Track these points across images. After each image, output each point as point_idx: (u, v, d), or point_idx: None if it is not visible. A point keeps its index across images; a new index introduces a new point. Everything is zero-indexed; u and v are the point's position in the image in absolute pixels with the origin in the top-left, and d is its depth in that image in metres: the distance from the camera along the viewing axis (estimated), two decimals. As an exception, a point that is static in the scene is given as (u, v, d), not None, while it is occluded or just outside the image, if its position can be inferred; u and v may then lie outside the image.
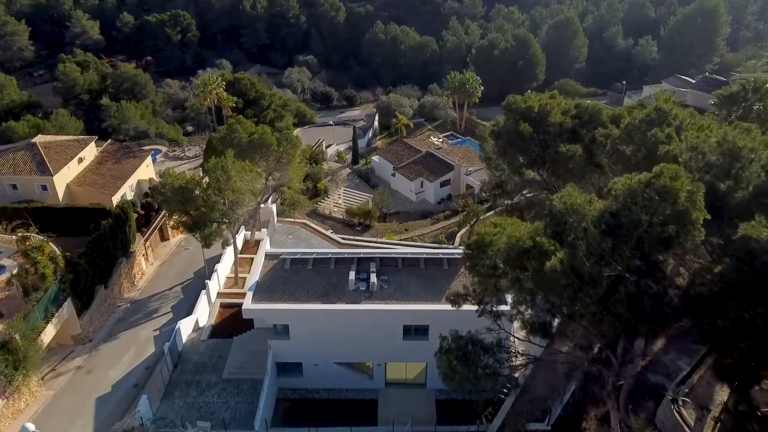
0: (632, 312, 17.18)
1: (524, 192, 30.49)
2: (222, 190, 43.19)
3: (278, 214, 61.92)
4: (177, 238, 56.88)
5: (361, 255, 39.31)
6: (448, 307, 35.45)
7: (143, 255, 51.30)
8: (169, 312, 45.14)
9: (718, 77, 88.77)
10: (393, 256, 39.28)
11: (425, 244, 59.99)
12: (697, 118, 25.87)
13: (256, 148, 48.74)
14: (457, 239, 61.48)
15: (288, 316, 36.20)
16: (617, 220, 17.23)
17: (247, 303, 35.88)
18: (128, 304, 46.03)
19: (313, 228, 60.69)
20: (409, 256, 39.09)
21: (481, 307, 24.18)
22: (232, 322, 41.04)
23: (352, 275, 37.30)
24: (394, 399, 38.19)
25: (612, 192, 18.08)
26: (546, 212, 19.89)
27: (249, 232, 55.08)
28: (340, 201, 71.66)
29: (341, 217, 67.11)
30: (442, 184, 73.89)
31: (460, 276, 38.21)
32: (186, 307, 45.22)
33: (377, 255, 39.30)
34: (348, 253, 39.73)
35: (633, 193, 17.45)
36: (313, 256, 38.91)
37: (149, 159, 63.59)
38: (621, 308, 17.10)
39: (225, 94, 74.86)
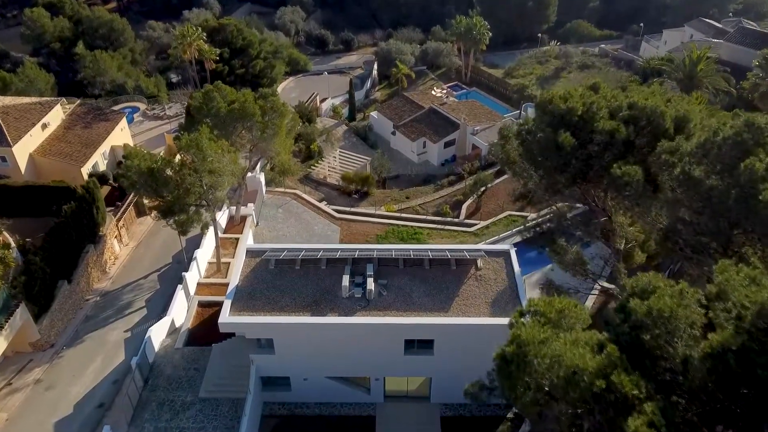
0: None
1: (556, 204, 25.00)
2: (198, 170, 37.73)
3: (267, 184, 56.43)
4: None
5: (357, 254, 34.12)
6: (455, 320, 30.89)
7: (116, 237, 46.20)
8: (142, 307, 40.44)
9: (755, 28, 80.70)
10: (393, 255, 34.03)
11: (428, 217, 54.88)
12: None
13: (237, 118, 42.83)
14: (463, 210, 56.22)
15: (272, 331, 31.44)
16: (743, 365, 11.84)
17: (225, 315, 30.98)
18: (98, 297, 41.27)
19: (304, 200, 55.36)
20: (412, 255, 33.86)
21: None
22: (211, 325, 36.18)
23: (345, 280, 32.27)
24: (393, 416, 33.98)
25: (731, 307, 12.53)
26: (618, 313, 14.53)
27: (234, 207, 49.78)
28: (336, 164, 66.02)
29: (337, 183, 61.63)
30: (447, 145, 68.00)
31: (470, 279, 33.22)
32: (162, 301, 40.52)
33: (375, 254, 34.08)
34: (341, 251, 34.53)
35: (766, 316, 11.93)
36: (300, 256, 33.73)
37: (124, 122, 57.55)
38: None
39: (206, 46, 67.61)
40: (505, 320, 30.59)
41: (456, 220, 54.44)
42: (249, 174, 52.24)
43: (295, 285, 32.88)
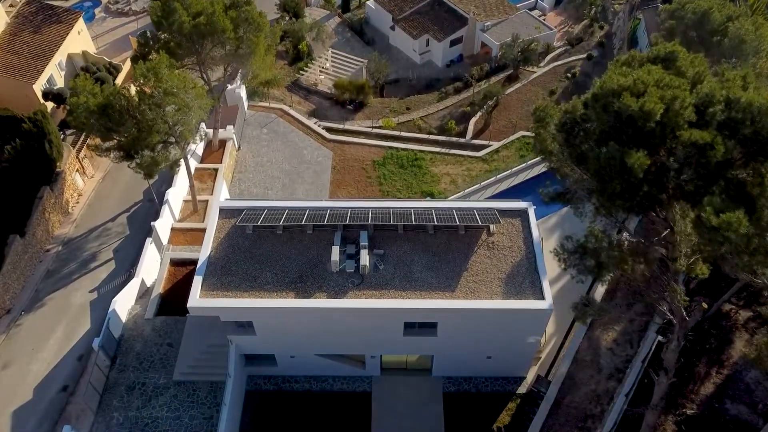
0: None
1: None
2: (160, 105, 31.76)
3: (249, 97, 49.90)
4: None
5: (349, 215, 28.91)
6: (462, 303, 26.56)
7: (77, 170, 40.72)
8: (110, 259, 36.02)
9: None
10: (391, 219, 28.70)
11: (431, 137, 48.96)
12: None
13: (204, 34, 35.77)
14: (470, 127, 50.16)
15: (250, 314, 27.21)
16: None
17: (194, 296, 26.56)
18: (60, 247, 36.70)
19: (292, 117, 49.10)
20: (413, 219, 28.57)
21: None
22: (185, 289, 31.40)
23: (335, 252, 27.48)
24: (391, 391, 30.72)
25: None
26: None
27: (211, 131, 43.84)
28: (328, 65, 58.60)
29: (329, 91, 54.83)
30: (453, 43, 60.03)
31: (480, 247, 28.45)
32: (131, 251, 36.09)
33: (370, 217, 28.81)
34: (331, 211, 29.33)
35: None
36: (281, 222, 28.47)
37: (81, 23, 49.52)
38: None
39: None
40: (520, 303, 26.48)
41: (462, 140, 48.58)
42: (228, 86, 45.78)
43: (276, 255, 28.17)
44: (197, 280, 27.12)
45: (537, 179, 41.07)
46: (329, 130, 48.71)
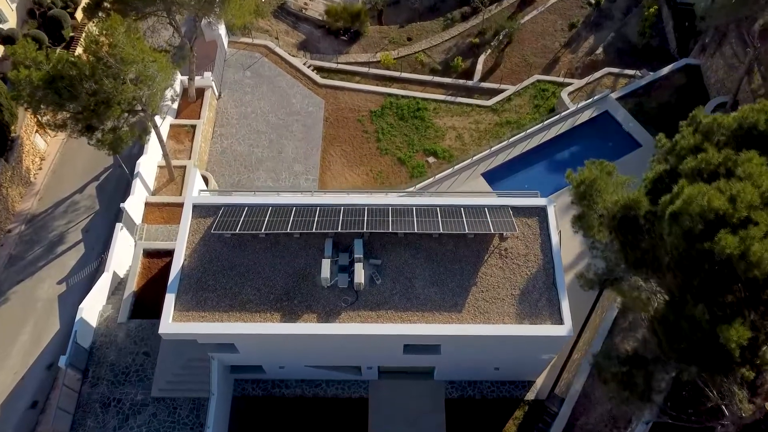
0: None
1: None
2: (118, 74, 27.03)
3: (229, 33, 44.08)
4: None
5: (342, 216, 25.05)
6: (469, 328, 23.53)
7: (37, 130, 36.20)
8: (79, 241, 32.57)
9: None
10: (390, 226, 24.77)
11: (435, 79, 43.77)
12: None
13: (167, -19, 30.11)
14: (479, 66, 44.80)
15: (231, 338, 24.19)
16: None
17: (166, 320, 23.37)
18: (22, 226, 33.12)
19: (278, 57, 43.55)
20: (416, 230, 24.58)
21: None
22: (160, 285, 28.52)
23: (326, 267, 23.95)
24: (389, 398, 28.42)
25: None
26: None
27: (186, 78, 38.78)
28: (319, -15, 51.78)
29: (320, 17, 48.70)
30: (461, -43, 52.77)
31: (491, 255, 24.94)
32: (102, 230, 32.71)
33: (365, 215, 24.97)
34: (320, 210, 25.44)
35: None
36: (263, 228, 24.54)
37: (30, -58, 42.62)
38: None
39: None
40: (535, 329, 23.39)
41: (470, 83, 43.42)
42: (204, 21, 39.97)
43: (259, 266, 24.68)
44: (169, 300, 23.80)
45: (553, 142, 36.73)
46: (320, 70, 43.46)
